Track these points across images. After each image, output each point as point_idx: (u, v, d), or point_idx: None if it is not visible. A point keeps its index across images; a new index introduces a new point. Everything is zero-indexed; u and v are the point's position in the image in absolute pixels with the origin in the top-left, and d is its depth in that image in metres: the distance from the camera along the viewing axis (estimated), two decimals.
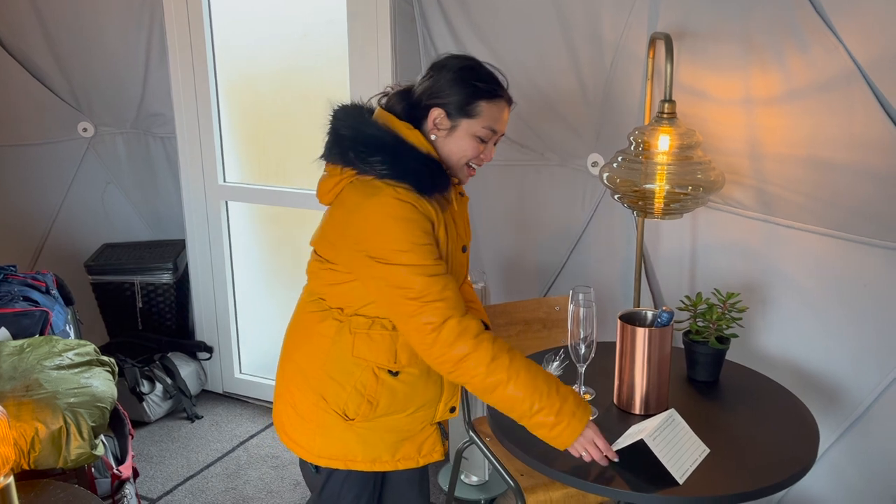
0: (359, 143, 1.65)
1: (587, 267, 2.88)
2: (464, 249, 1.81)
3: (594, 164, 2.72)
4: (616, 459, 1.63)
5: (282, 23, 3.10)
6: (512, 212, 2.98)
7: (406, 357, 1.74)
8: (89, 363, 2.38)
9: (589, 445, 1.62)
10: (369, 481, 1.87)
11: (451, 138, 1.69)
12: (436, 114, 1.68)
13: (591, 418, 1.65)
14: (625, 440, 1.67)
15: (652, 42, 2.28)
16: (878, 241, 1.99)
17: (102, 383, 2.31)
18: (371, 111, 1.73)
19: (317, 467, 1.84)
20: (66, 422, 2.11)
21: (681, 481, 1.58)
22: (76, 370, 2.32)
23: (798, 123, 2.02)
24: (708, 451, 1.68)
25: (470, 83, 1.67)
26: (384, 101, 1.75)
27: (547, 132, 2.80)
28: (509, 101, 1.73)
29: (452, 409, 1.87)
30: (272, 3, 3.10)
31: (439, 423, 1.88)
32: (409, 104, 1.71)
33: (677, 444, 1.65)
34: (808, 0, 1.88)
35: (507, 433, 1.79)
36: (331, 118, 1.72)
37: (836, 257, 2.09)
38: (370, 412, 1.75)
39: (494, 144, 1.75)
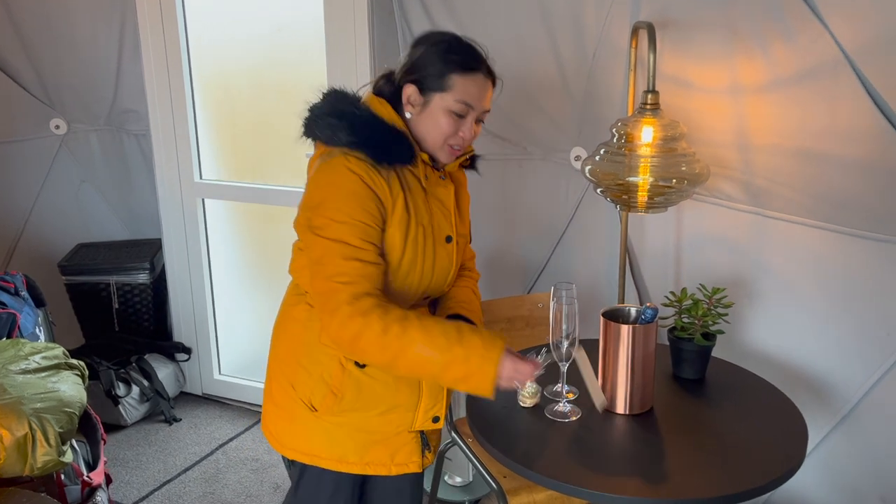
0: (324, 113, 1.62)
1: (571, 263, 2.83)
2: (448, 240, 1.71)
3: (577, 157, 2.67)
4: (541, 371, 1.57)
5: (257, 16, 3.03)
6: (493, 207, 2.92)
7: None
8: (57, 367, 2.31)
9: (515, 376, 1.53)
10: (346, 484, 1.80)
11: (425, 115, 1.62)
12: (409, 90, 1.62)
13: (504, 347, 1.54)
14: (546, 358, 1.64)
15: (634, 31, 2.22)
16: (868, 233, 1.95)
17: (71, 387, 2.24)
18: (359, 98, 1.69)
19: (291, 461, 1.80)
20: (31, 428, 2.04)
21: (600, 408, 1.68)
22: (43, 374, 2.24)
23: (785, 113, 1.97)
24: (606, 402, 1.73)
25: (442, 56, 1.61)
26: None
27: (529, 125, 2.75)
28: (490, 76, 1.65)
29: (436, 420, 1.76)
30: None
31: (422, 434, 1.79)
32: (392, 85, 1.67)
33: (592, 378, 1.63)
34: None
35: (488, 435, 1.73)
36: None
37: (824, 250, 2.04)
38: (335, 405, 1.68)
39: (480, 123, 1.67)
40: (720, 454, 1.65)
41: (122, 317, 3.50)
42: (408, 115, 1.64)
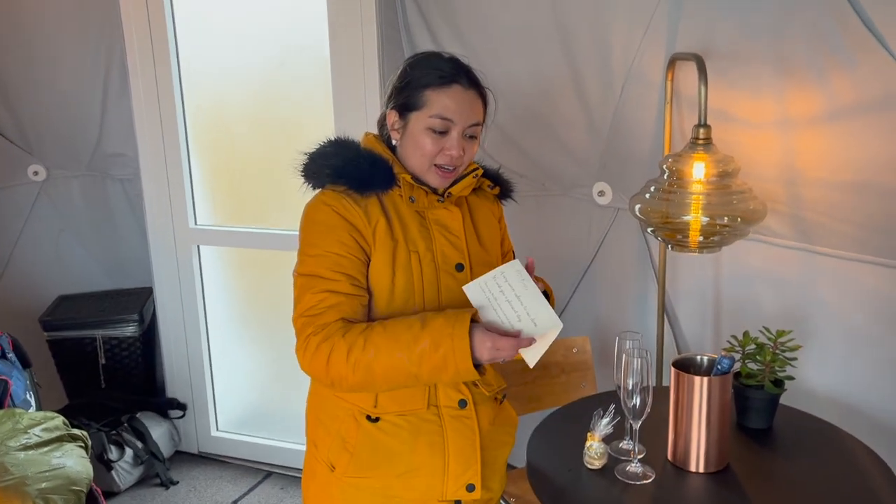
0: (312, 156, 1.60)
1: (595, 304, 2.71)
2: (459, 268, 1.58)
3: (601, 193, 2.57)
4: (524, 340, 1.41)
5: (256, 50, 2.88)
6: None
7: (389, 401, 1.54)
8: (59, 439, 2.10)
9: (495, 354, 1.40)
10: None
11: (407, 138, 1.56)
12: (391, 116, 1.58)
13: (469, 318, 1.40)
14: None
15: (671, 64, 2.14)
16: None
17: (76, 462, 2.04)
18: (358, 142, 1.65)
19: None
20: None
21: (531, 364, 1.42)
22: (45, 449, 2.03)
23: (842, 146, 1.89)
24: (560, 325, 1.44)
25: (415, 73, 1.55)
26: None
27: (547, 160, 2.64)
28: (474, 87, 1.55)
29: (471, 488, 1.58)
30: (244, 30, 2.88)
31: None
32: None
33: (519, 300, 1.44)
34: (854, 14, 1.76)
35: (559, 502, 1.59)
36: None
37: (884, 287, 1.96)
38: (350, 464, 1.56)
39: (473, 139, 1.56)
40: None
41: (109, 373, 3.28)
42: (394, 142, 1.59)
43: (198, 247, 3.10)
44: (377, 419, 1.55)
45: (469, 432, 1.58)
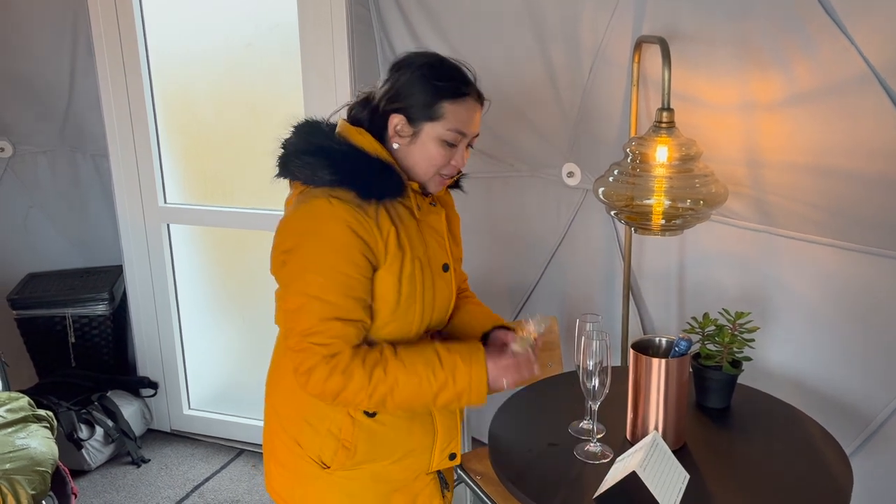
0: (299, 150, 1.51)
1: (563, 284, 2.74)
2: (445, 268, 1.61)
3: (570, 174, 2.58)
4: (537, 372, 1.54)
5: (223, 30, 2.84)
6: (479, 227, 2.81)
7: None
8: (24, 420, 2.10)
9: (505, 378, 1.49)
10: None
11: (416, 145, 1.51)
12: (396, 120, 1.50)
13: (484, 355, 1.49)
14: (614, 476, 1.52)
15: (638, 46, 2.14)
16: (888, 252, 1.90)
17: (41, 443, 2.04)
18: (333, 126, 1.57)
19: None
20: (2, 492, 1.83)
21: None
22: (9, 430, 2.03)
23: (803, 129, 1.91)
24: (688, 476, 1.56)
25: (430, 82, 1.49)
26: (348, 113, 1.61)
27: (517, 141, 2.65)
28: (480, 99, 1.54)
29: (452, 456, 1.67)
30: (212, 7, 2.84)
31: (439, 473, 1.69)
32: (371, 111, 1.54)
33: (664, 472, 1.53)
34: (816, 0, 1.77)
35: (517, 481, 1.62)
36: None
37: (842, 269, 1.99)
38: (347, 459, 1.56)
39: (469, 147, 1.57)
40: (768, 495, 1.56)
41: (79, 351, 3.27)
42: (395, 146, 1.52)
43: (167, 225, 3.08)
44: (374, 414, 1.55)
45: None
